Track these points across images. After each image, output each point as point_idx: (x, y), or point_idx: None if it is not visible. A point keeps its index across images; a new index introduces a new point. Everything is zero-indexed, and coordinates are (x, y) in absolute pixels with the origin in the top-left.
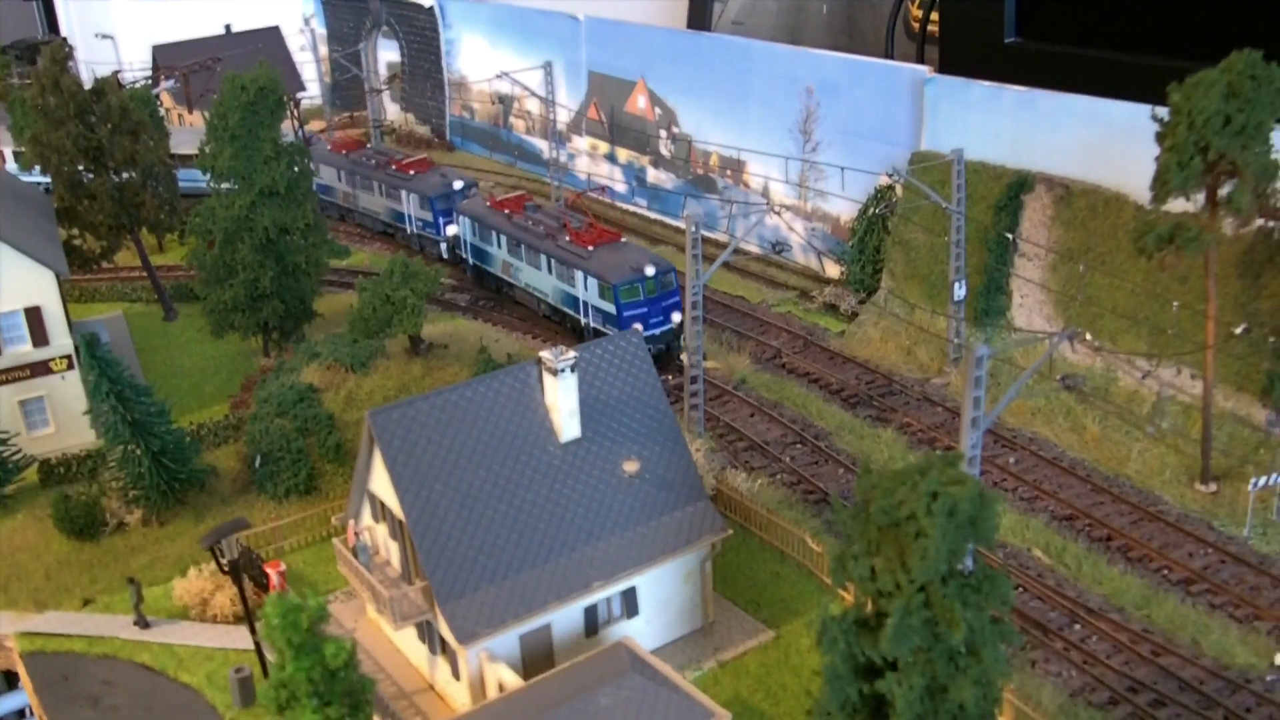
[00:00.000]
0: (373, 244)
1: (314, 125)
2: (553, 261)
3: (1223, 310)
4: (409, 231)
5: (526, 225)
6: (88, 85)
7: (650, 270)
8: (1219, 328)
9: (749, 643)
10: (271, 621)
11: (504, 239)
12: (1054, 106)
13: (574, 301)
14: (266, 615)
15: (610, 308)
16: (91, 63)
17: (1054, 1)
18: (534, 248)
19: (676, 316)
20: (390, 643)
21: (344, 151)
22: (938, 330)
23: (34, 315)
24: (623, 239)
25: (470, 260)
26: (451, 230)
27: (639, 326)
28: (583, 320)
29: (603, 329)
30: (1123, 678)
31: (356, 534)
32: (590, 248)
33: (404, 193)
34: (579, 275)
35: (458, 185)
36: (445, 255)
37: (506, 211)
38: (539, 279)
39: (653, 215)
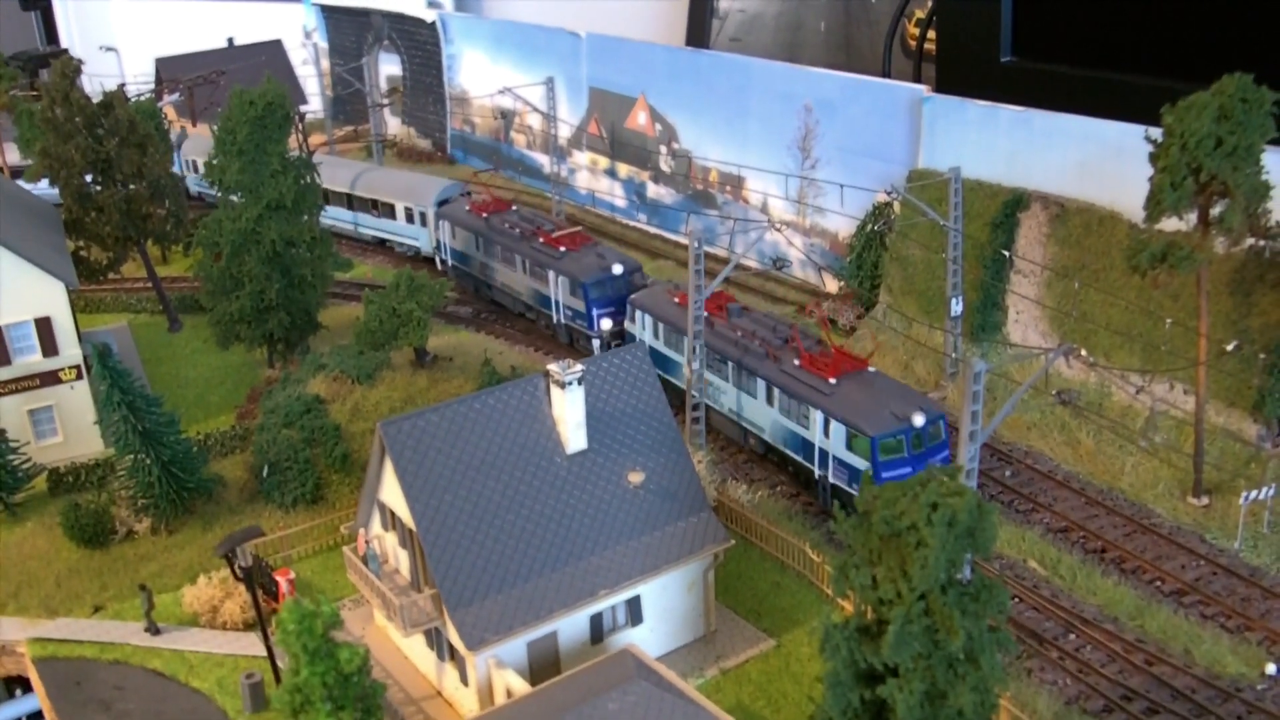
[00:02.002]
0: (374, 256)
1: (315, 140)
2: (777, 392)
3: (1214, 327)
4: (555, 320)
5: (735, 338)
6: (91, 97)
7: (919, 419)
8: (1210, 344)
9: (750, 651)
10: (287, 627)
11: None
12: (1049, 126)
13: (805, 447)
14: (282, 621)
15: (862, 463)
16: (94, 75)
17: (1050, 22)
18: (748, 369)
19: None
20: (398, 650)
21: (483, 215)
22: (935, 345)
23: (44, 325)
24: (871, 367)
25: None
26: (606, 324)
27: None
28: (818, 472)
29: (849, 489)
30: (1116, 686)
31: (367, 542)
32: (832, 380)
33: (551, 273)
34: (817, 416)
35: (618, 269)
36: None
37: (705, 314)
38: (755, 410)
39: (652, 230)
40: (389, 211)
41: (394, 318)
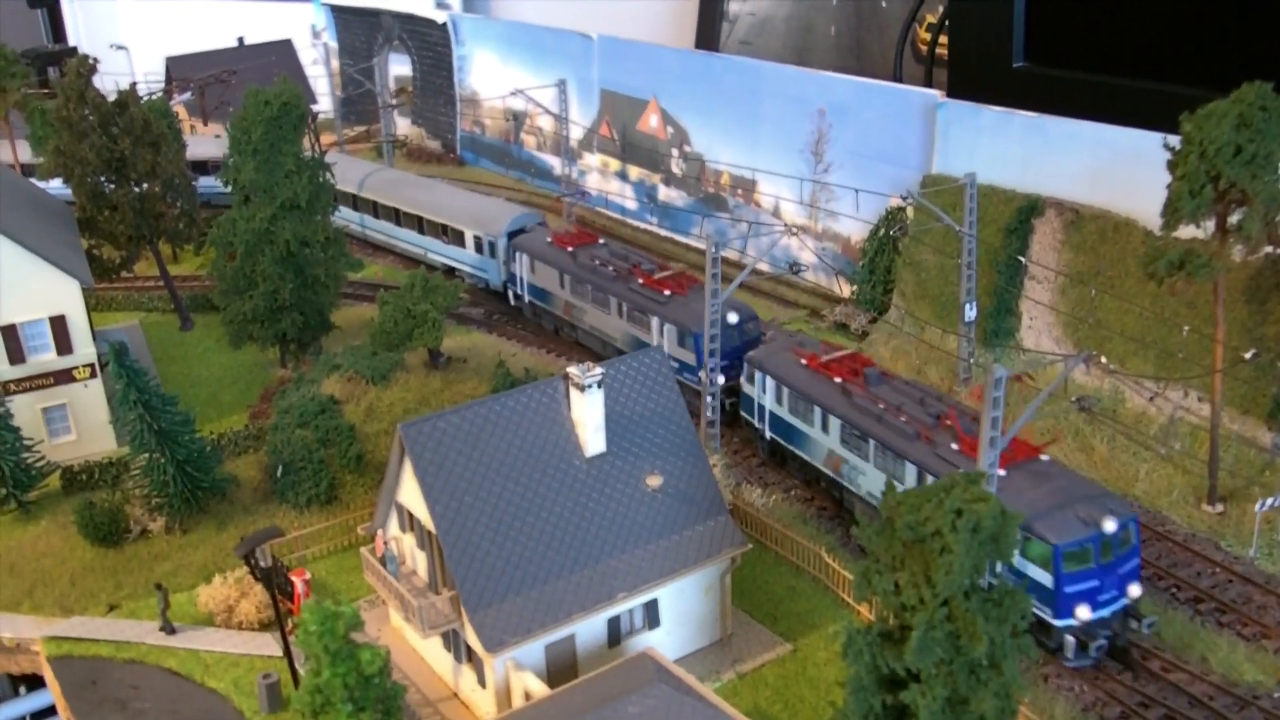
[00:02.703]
0: (385, 257)
1: (325, 139)
2: (929, 478)
3: (1229, 335)
4: None
5: (877, 411)
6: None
7: (1110, 524)
8: (1226, 352)
9: (767, 655)
10: (310, 628)
11: (836, 423)
12: (1063, 132)
13: None
14: (304, 622)
15: (1039, 574)
16: (104, 73)
17: (1062, 28)
18: (892, 449)
19: (1135, 590)
20: (414, 651)
21: (570, 249)
22: (948, 350)
23: (58, 324)
24: (1045, 456)
25: (768, 433)
26: (720, 380)
27: (1084, 610)
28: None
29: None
30: (1133, 693)
31: (385, 543)
32: (1001, 471)
33: (655, 319)
34: None
35: (733, 318)
36: (710, 413)
37: (839, 380)
38: None
39: (663, 233)
40: (458, 239)
41: (409, 318)
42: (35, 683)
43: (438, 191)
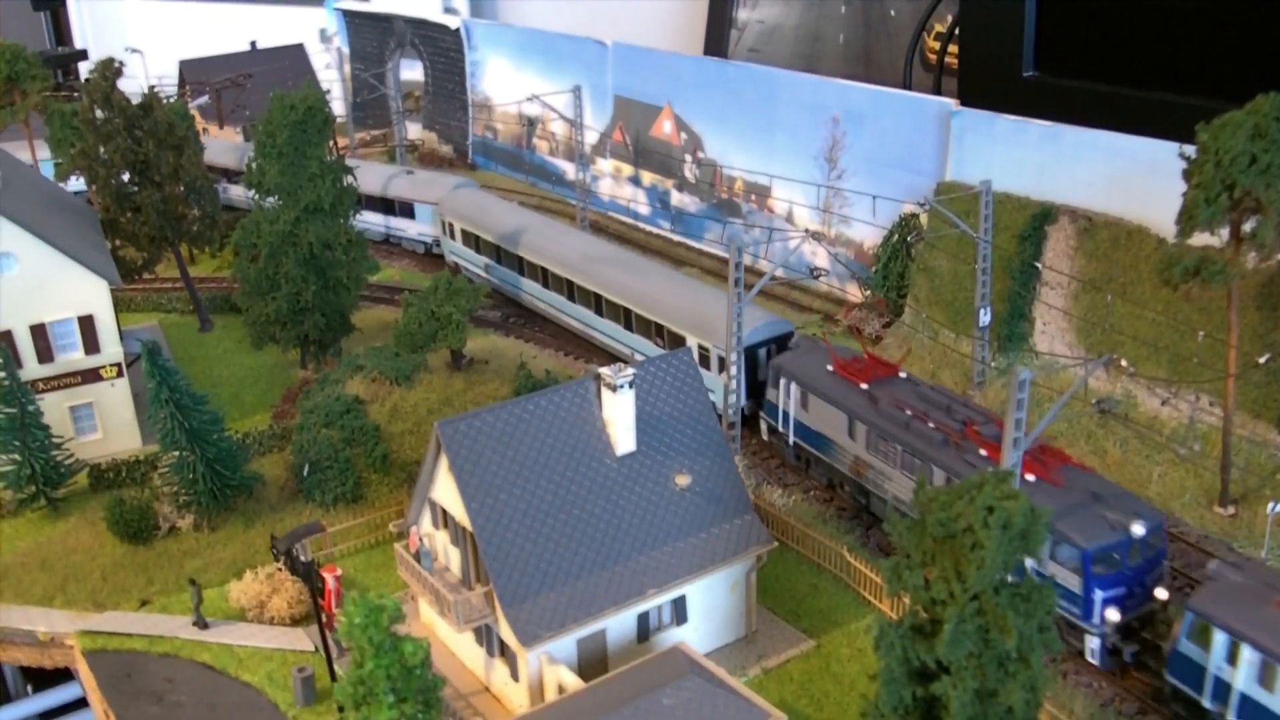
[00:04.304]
0: (401, 259)
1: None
2: None
3: (1242, 340)
4: None
5: None
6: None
7: None
8: (1238, 356)
9: (791, 651)
10: (354, 620)
11: None
12: (1077, 141)
13: None
14: (349, 614)
15: None
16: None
17: (1072, 38)
18: None
19: None
20: (443, 645)
21: (864, 384)
22: (962, 353)
23: (86, 323)
24: None
25: None
26: (1113, 616)
27: None
28: None
29: None
30: (1150, 689)
31: (420, 539)
32: None
33: None
34: None
35: (1138, 530)
36: (1100, 660)
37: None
38: None
39: (676, 238)
40: (676, 345)
41: (433, 320)
42: (43, 682)
43: (652, 278)
